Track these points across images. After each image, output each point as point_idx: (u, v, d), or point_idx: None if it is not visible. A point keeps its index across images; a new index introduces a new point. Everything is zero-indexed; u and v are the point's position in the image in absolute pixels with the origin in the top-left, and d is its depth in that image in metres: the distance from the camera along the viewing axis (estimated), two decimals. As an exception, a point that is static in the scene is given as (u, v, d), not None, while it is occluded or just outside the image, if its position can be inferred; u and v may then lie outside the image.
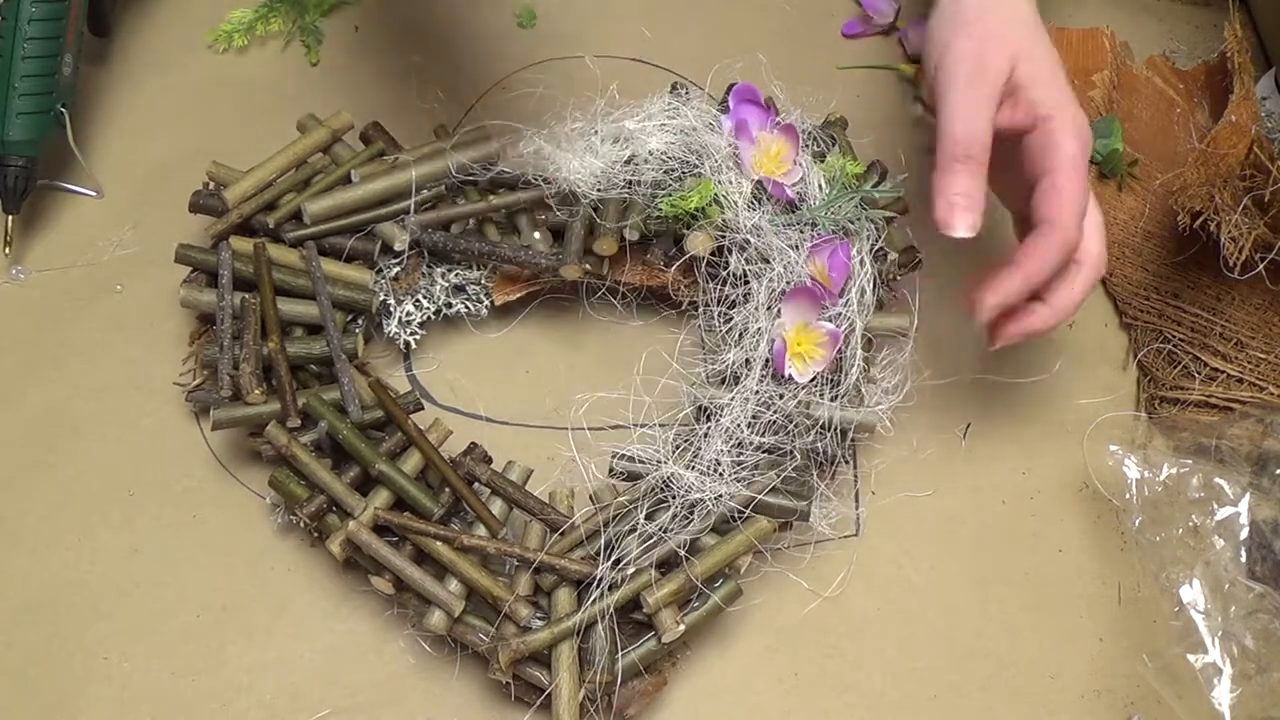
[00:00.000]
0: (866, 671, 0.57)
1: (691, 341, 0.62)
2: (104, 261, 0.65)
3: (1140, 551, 0.58)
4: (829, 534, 0.59)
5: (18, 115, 0.61)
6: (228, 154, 0.62)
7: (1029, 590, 0.60)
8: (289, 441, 0.53)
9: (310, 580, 0.58)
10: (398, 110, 0.68)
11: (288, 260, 0.59)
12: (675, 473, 0.53)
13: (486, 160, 0.60)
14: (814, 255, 0.57)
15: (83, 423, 0.61)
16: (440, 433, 0.56)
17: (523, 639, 0.51)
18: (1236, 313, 0.65)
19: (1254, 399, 0.64)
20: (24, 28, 0.60)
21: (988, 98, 0.53)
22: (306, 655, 0.56)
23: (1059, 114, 0.54)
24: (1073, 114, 0.54)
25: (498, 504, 0.55)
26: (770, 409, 0.55)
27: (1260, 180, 0.58)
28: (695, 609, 0.53)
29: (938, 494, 0.62)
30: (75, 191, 0.67)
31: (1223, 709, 0.53)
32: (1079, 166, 0.53)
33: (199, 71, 0.73)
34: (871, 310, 0.59)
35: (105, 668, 0.55)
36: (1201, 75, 0.77)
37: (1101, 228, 0.56)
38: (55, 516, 0.58)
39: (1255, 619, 0.54)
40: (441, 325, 0.64)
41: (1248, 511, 0.57)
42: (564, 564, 0.52)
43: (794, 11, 0.79)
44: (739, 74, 0.66)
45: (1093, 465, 0.63)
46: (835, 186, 0.60)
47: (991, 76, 0.53)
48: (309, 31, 0.74)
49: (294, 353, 0.57)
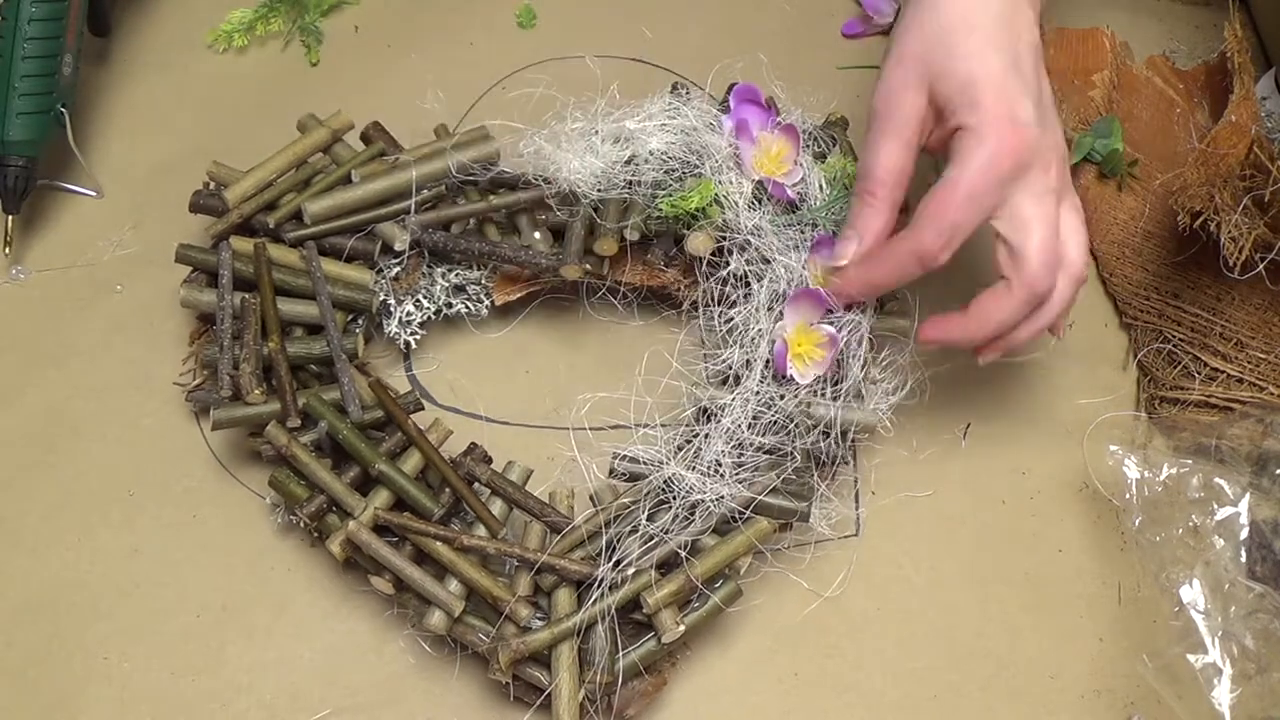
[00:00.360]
0: (866, 671, 0.57)
1: (692, 341, 0.62)
2: (104, 261, 0.65)
3: (1140, 551, 0.58)
4: (829, 534, 0.59)
5: (18, 115, 0.61)
6: (228, 154, 0.62)
7: (1029, 590, 0.60)
8: (289, 441, 0.53)
9: (310, 580, 0.58)
10: (398, 110, 0.68)
11: (288, 260, 0.59)
12: (677, 473, 0.53)
13: (486, 160, 0.60)
14: (814, 255, 0.57)
15: (83, 423, 0.61)
16: (440, 433, 0.56)
17: (523, 639, 0.51)
18: (1236, 313, 0.65)
19: (1254, 399, 0.64)
20: (24, 28, 0.60)
21: (891, 133, 0.53)
22: (306, 655, 0.56)
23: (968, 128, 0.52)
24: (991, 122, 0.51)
25: (498, 504, 0.55)
26: (771, 409, 0.55)
27: (1260, 180, 0.58)
28: (695, 609, 0.53)
29: (938, 494, 0.62)
30: (75, 191, 0.67)
31: (1223, 709, 0.53)
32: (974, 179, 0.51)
33: (199, 71, 0.73)
34: (872, 310, 0.59)
35: (105, 668, 0.55)
36: (1201, 75, 0.77)
37: (1081, 231, 0.54)
38: (55, 516, 0.58)
39: (1255, 619, 0.54)
40: (441, 325, 0.64)
41: (1248, 511, 0.57)
42: (564, 564, 0.52)
43: (794, 11, 0.79)
44: (739, 74, 0.66)
45: (1093, 465, 0.63)
46: (836, 187, 0.60)
47: (899, 113, 0.53)
48: (309, 31, 0.74)
49: (294, 353, 0.57)
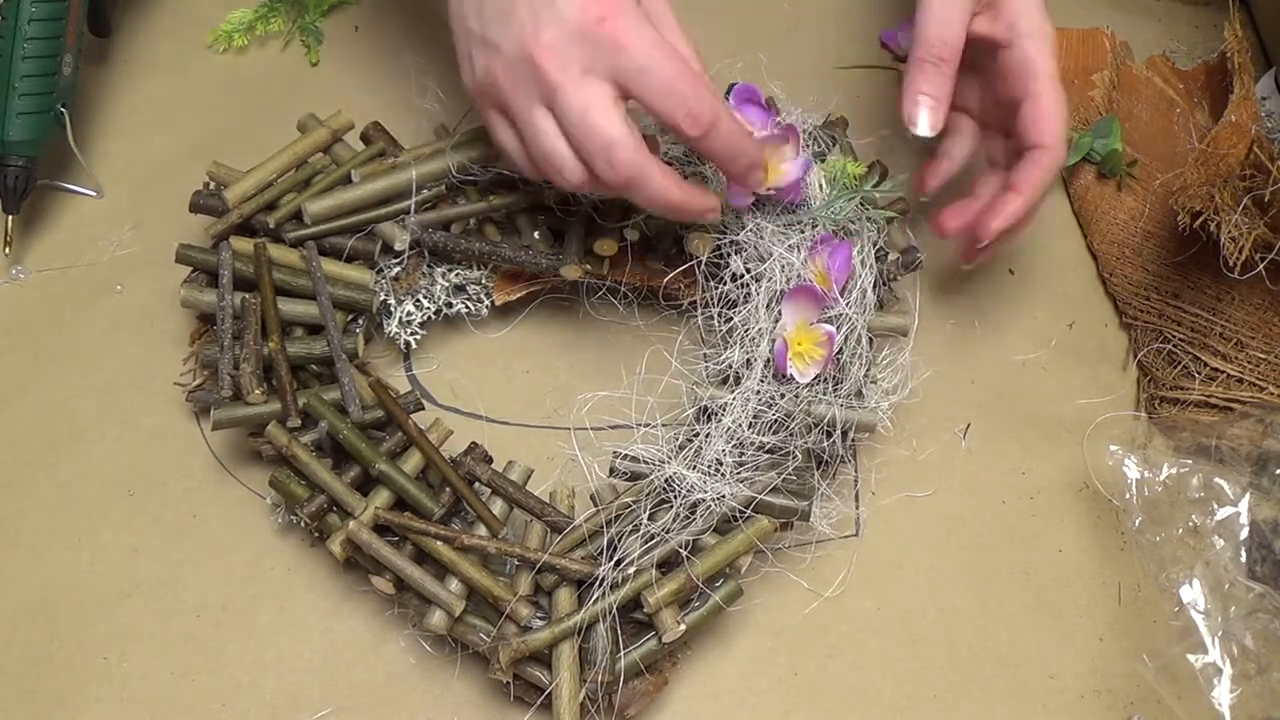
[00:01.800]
0: (866, 671, 0.57)
1: (691, 341, 0.62)
2: (104, 261, 0.65)
3: (1140, 551, 0.58)
4: (829, 534, 0.59)
5: (18, 115, 0.61)
6: (228, 154, 0.62)
7: (1029, 590, 0.60)
8: (289, 441, 0.53)
9: (310, 580, 0.58)
10: (398, 110, 0.68)
11: (288, 260, 0.59)
12: (677, 472, 0.53)
13: (486, 160, 0.60)
14: (814, 255, 0.57)
15: (83, 423, 0.61)
16: (440, 433, 0.56)
17: (523, 639, 0.51)
18: (1236, 313, 0.65)
19: (1254, 399, 0.64)
20: (24, 28, 0.60)
21: (963, 4, 0.56)
22: (306, 655, 0.56)
23: (1038, 35, 0.56)
24: (1049, 35, 0.57)
25: (498, 504, 0.55)
26: (771, 409, 0.55)
27: (1260, 180, 0.58)
28: (696, 609, 0.53)
29: (938, 494, 0.62)
30: (75, 191, 0.67)
31: (1223, 709, 0.53)
32: (1059, 87, 0.57)
33: (199, 71, 0.73)
34: (872, 310, 0.59)
35: (105, 668, 0.55)
36: (1201, 75, 0.77)
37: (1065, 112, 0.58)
38: (55, 516, 0.58)
39: (1255, 619, 0.54)
40: (442, 325, 0.64)
41: (1248, 511, 0.57)
42: (565, 564, 0.52)
43: (794, 11, 0.79)
44: (739, 74, 0.66)
45: (1093, 465, 0.63)
46: (836, 186, 0.60)
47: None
48: (309, 31, 0.74)
49: (294, 353, 0.57)
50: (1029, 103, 0.57)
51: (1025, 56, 0.57)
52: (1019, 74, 0.57)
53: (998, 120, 0.62)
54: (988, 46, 0.58)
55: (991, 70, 0.59)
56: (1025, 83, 0.57)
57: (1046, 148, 0.57)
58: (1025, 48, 0.57)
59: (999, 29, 0.57)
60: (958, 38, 0.56)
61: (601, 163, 0.49)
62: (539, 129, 0.50)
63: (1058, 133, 0.57)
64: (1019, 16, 0.57)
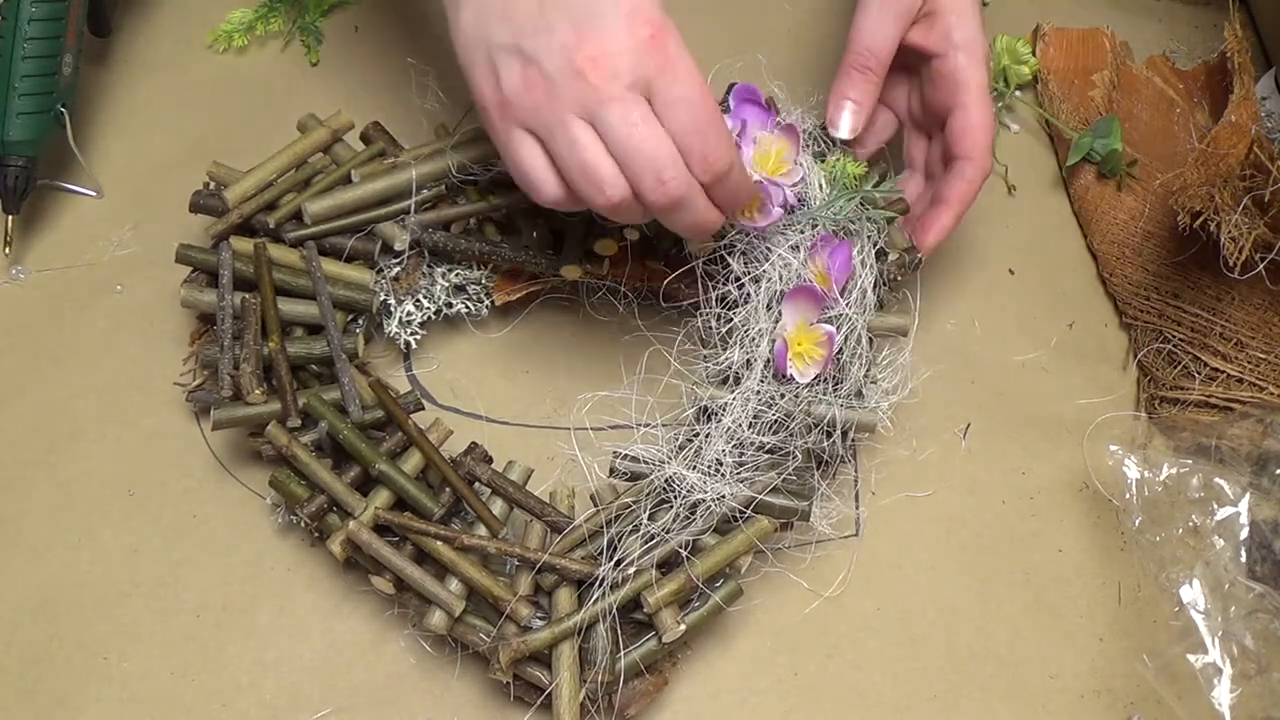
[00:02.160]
0: (866, 671, 0.57)
1: (691, 341, 0.62)
2: (104, 261, 0.65)
3: (1140, 551, 0.58)
4: (829, 534, 0.59)
5: (18, 115, 0.61)
6: (228, 154, 0.62)
7: (1029, 590, 0.60)
8: (289, 441, 0.53)
9: (310, 580, 0.58)
10: (398, 110, 0.68)
11: (288, 260, 0.59)
12: (677, 472, 0.53)
13: (486, 160, 0.60)
14: (814, 255, 0.57)
15: (83, 423, 0.61)
16: (440, 433, 0.56)
17: (523, 639, 0.51)
18: (1236, 313, 0.65)
19: (1254, 399, 0.64)
20: (24, 28, 0.60)
21: (897, 17, 0.58)
22: (306, 655, 0.56)
23: (970, 47, 0.58)
24: (983, 47, 0.59)
25: (498, 504, 0.55)
26: (771, 409, 0.55)
27: (1260, 180, 0.58)
28: (696, 609, 0.53)
29: (938, 494, 0.62)
30: (75, 191, 0.67)
31: (1223, 709, 0.53)
32: (987, 98, 0.59)
33: (199, 71, 0.73)
34: (872, 310, 0.59)
35: (105, 668, 0.55)
36: (1201, 75, 0.77)
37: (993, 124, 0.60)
38: (55, 516, 0.58)
39: (1255, 619, 0.54)
40: (442, 325, 0.64)
41: (1248, 511, 0.57)
42: (565, 564, 0.52)
43: (794, 11, 0.79)
44: (739, 74, 0.66)
45: (1093, 465, 0.63)
46: (836, 187, 0.60)
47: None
48: (309, 31, 0.74)
49: (294, 353, 0.57)
50: (958, 113, 0.59)
51: (956, 67, 0.59)
52: (950, 84, 0.59)
53: (924, 124, 0.64)
54: (922, 55, 0.60)
55: (925, 76, 0.61)
56: (956, 94, 0.59)
57: (972, 160, 0.59)
58: (957, 59, 0.59)
59: (933, 39, 0.59)
60: (884, 49, 0.58)
61: (651, 180, 0.47)
62: (578, 141, 0.47)
63: (984, 145, 0.59)
64: (954, 29, 0.58)
